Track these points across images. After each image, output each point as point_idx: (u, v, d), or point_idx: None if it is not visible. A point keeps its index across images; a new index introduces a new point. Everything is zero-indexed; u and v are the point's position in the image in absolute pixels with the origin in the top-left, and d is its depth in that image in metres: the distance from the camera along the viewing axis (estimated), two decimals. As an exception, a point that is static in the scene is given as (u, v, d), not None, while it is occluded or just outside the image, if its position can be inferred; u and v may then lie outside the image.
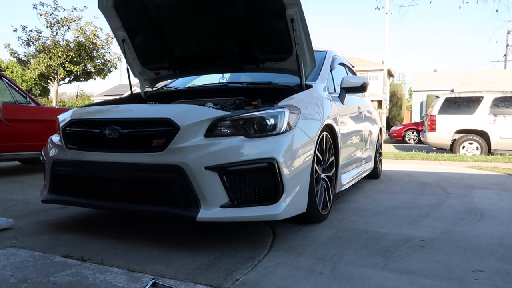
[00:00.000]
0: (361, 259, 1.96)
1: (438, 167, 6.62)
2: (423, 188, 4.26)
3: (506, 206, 3.36)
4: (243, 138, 2.07)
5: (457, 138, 9.29)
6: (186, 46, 2.96)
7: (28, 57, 15.61)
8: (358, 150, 3.84)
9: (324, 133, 2.67)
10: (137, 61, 3.16)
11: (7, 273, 1.73)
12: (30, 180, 4.62)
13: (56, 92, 16.70)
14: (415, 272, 1.80)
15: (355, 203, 3.40)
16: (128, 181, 2.17)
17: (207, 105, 2.60)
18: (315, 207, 2.49)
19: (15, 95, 5.03)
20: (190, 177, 1.99)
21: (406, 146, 15.01)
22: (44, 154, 2.61)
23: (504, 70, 29.70)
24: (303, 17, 2.48)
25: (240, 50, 2.85)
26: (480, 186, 4.45)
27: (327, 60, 3.51)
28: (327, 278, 1.72)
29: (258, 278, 1.72)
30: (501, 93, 9.23)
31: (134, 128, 2.14)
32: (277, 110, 2.18)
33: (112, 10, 2.81)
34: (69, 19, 15.15)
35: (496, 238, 2.36)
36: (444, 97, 9.63)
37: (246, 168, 2.02)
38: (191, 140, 2.05)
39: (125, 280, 1.65)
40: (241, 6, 2.58)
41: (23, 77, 34.23)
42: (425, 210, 3.16)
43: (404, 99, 28.56)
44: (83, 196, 2.34)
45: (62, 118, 2.51)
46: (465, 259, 1.98)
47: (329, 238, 2.33)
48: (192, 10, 2.73)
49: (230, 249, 2.08)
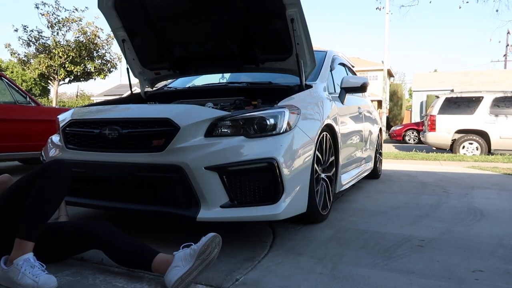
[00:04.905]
0: (361, 259, 1.96)
1: (438, 167, 6.62)
2: (423, 188, 4.26)
3: (506, 206, 3.36)
4: (243, 138, 2.07)
5: (457, 138, 9.29)
6: (186, 46, 2.96)
7: (28, 57, 15.60)
8: (358, 150, 3.84)
9: (324, 133, 2.67)
10: (137, 61, 3.16)
11: (7, 273, 1.73)
12: (30, 180, 4.62)
13: (56, 92, 16.69)
14: (415, 272, 1.80)
15: (355, 203, 3.40)
16: (128, 181, 2.17)
17: (207, 105, 2.60)
18: (315, 207, 2.49)
19: (15, 95, 5.03)
20: (190, 177, 1.98)
21: (406, 146, 15.01)
22: (44, 154, 2.61)
23: (504, 70, 29.69)
24: (303, 17, 2.48)
25: (240, 50, 2.85)
26: (480, 186, 4.45)
27: (327, 60, 3.51)
28: (327, 278, 1.72)
29: (258, 278, 1.72)
30: (501, 93, 9.23)
31: (134, 128, 2.14)
32: (277, 110, 2.18)
33: (112, 10, 2.81)
34: (70, 20, 15.14)
35: (496, 238, 2.36)
36: (444, 97, 9.63)
37: (246, 168, 2.02)
38: (191, 140, 2.05)
39: (125, 280, 1.65)
40: (241, 6, 2.58)
41: (23, 77, 34.25)
42: (425, 210, 3.16)
43: (404, 99, 28.56)
44: (83, 196, 2.34)
45: (62, 118, 2.51)
46: (465, 259, 1.98)
47: (329, 238, 2.33)
48: (192, 10, 2.73)
49: (230, 249, 2.08)
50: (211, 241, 1.62)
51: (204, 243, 1.60)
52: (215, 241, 1.63)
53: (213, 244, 1.62)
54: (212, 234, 1.64)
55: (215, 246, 1.63)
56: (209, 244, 1.61)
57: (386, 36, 19.05)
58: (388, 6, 18.36)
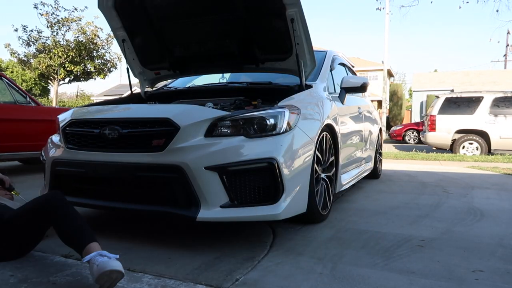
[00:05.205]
0: (361, 259, 1.96)
1: (438, 167, 6.62)
2: (423, 188, 4.26)
3: (506, 206, 3.36)
4: (243, 138, 2.07)
5: (457, 138, 9.29)
6: (186, 46, 2.97)
7: (28, 57, 15.60)
8: (358, 150, 3.84)
9: (324, 133, 2.67)
10: (137, 61, 3.16)
11: (7, 273, 1.73)
12: (30, 180, 4.62)
13: (56, 92, 16.69)
14: (415, 272, 1.80)
15: (355, 203, 3.40)
16: (128, 181, 2.17)
17: (207, 105, 2.60)
18: (315, 207, 2.49)
19: (15, 95, 5.03)
20: (190, 177, 1.99)
21: (406, 146, 15.01)
22: (44, 154, 2.61)
23: (504, 70, 29.69)
24: (303, 17, 2.48)
25: (240, 50, 2.85)
26: (480, 186, 4.45)
27: (327, 60, 3.51)
28: (327, 278, 1.72)
29: (258, 278, 1.72)
30: (501, 93, 9.23)
31: (134, 128, 2.14)
32: (277, 110, 2.18)
33: (112, 10, 2.81)
34: (69, 19, 15.14)
35: (496, 238, 2.36)
36: (444, 97, 9.63)
37: (246, 168, 2.02)
38: (191, 140, 2.05)
39: (125, 280, 1.65)
40: (241, 6, 2.58)
41: (23, 77, 34.23)
42: (425, 210, 3.16)
43: (404, 99, 28.54)
44: (83, 196, 2.34)
45: (62, 118, 2.51)
46: (465, 259, 1.98)
47: (329, 238, 2.33)
48: (192, 10, 2.73)
49: (230, 249, 2.08)
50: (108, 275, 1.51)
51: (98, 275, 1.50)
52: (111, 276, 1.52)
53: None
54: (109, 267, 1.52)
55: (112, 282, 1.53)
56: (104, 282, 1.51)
57: (386, 36, 19.06)
58: (388, 6, 18.36)
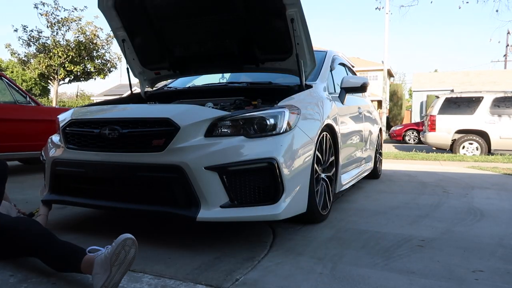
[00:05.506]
0: (361, 259, 1.96)
1: (438, 167, 6.62)
2: (423, 188, 4.26)
3: (506, 206, 3.36)
4: (243, 138, 2.07)
5: (457, 138, 9.29)
6: (186, 46, 2.96)
7: (28, 57, 15.60)
8: (358, 150, 3.84)
9: (324, 133, 2.67)
10: (137, 61, 3.16)
11: (7, 273, 1.73)
12: (30, 180, 4.63)
13: (56, 92, 16.69)
14: (415, 272, 1.80)
15: (355, 203, 3.40)
16: (128, 181, 2.17)
17: (207, 105, 2.60)
18: (315, 207, 2.49)
19: (15, 95, 5.03)
20: (190, 177, 1.98)
21: (406, 146, 15.01)
22: (44, 154, 2.61)
23: (504, 70, 29.69)
24: (303, 17, 2.48)
25: (240, 50, 2.85)
26: (480, 186, 4.45)
27: (327, 60, 3.51)
28: (327, 278, 1.72)
29: (258, 278, 1.72)
30: (501, 93, 9.23)
31: (134, 128, 2.14)
32: (277, 110, 2.18)
33: (112, 10, 2.81)
34: (69, 19, 15.14)
35: (496, 238, 2.36)
36: (444, 97, 9.63)
37: (246, 168, 2.02)
38: (191, 140, 2.05)
39: (125, 280, 1.65)
40: (241, 6, 2.58)
41: (23, 77, 34.23)
42: (425, 210, 3.16)
43: (404, 99, 28.54)
44: (83, 196, 2.34)
45: (62, 118, 2.51)
46: (465, 259, 1.98)
47: (329, 238, 2.33)
48: (192, 10, 2.73)
49: (230, 249, 2.08)
50: (122, 245, 1.55)
51: (114, 249, 1.54)
52: (127, 244, 1.56)
53: (126, 248, 1.55)
54: (123, 237, 1.57)
55: (129, 248, 1.56)
56: (120, 250, 1.54)
57: (386, 36, 19.05)
58: (388, 6, 18.36)
